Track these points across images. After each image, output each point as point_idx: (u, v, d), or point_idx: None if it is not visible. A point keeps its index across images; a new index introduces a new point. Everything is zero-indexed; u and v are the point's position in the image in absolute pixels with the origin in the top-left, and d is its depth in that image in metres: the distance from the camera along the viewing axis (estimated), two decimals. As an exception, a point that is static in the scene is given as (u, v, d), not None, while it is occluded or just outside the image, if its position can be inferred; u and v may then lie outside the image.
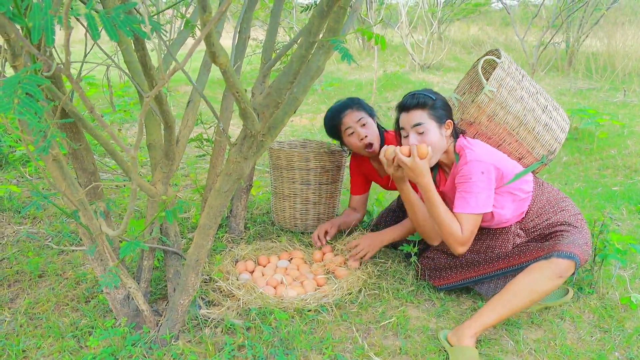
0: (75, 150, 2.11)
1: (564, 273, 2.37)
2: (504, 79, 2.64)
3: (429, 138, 2.52)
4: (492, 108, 2.64)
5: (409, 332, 2.45)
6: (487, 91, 2.59)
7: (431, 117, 2.54)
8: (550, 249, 2.45)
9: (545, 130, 2.73)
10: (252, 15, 2.39)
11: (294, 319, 2.49)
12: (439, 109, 2.56)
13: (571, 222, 2.61)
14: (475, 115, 2.63)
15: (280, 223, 3.52)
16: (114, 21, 1.22)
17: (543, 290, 2.36)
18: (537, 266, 2.40)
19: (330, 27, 1.63)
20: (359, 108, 3.05)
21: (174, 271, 2.41)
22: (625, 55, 9.45)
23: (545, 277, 2.36)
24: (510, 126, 2.67)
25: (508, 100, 2.65)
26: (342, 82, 9.69)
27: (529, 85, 2.75)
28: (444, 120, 2.56)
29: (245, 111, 1.68)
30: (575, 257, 2.38)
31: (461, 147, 2.57)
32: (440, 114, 2.56)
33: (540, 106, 2.74)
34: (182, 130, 2.35)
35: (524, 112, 2.67)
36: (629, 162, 5.14)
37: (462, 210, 2.47)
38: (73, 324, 2.44)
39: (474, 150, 2.51)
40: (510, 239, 2.65)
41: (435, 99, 2.57)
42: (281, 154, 3.30)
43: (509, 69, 2.69)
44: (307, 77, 1.76)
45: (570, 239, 2.48)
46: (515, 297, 2.35)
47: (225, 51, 1.48)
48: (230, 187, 1.95)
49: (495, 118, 2.65)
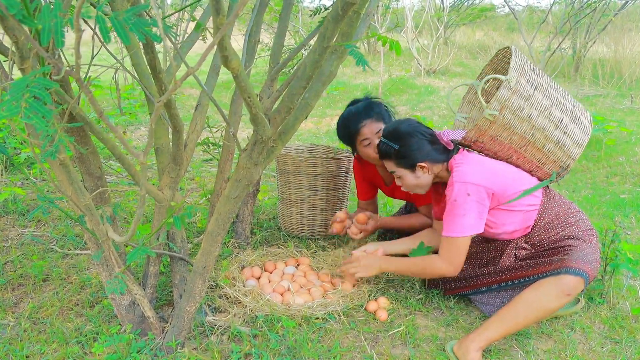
0: (82, 154, 2.08)
1: (573, 291, 2.29)
2: (508, 99, 2.42)
3: (405, 182, 2.59)
4: (495, 129, 2.48)
5: (417, 341, 2.41)
6: (488, 115, 2.46)
7: (399, 165, 2.55)
8: (559, 264, 2.36)
9: (557, 147, 2.56)
10: (261, 19, 2.36)
11: (301, 326, 2.45)
12: (406, 156, 2.52)
13: (580, 236, 2.50)
14: (477, 137, 2.53)
15: (287, 229, 3.49)
16: (126, 24, 1.19)
17: (549, 308, 2.30)
18: (545, 282, 2.33)
19: (343, 32, 1.60)
20: (378, 118, 2.91)
21: (180, 277, 2.38)
22: (633, 61, 9.42)
23: (552, 294, 2.29)
24: (517, 145, 2.53)
25: (513, 121, 2.46)
26: (348, 86, 9.67)
27: (542, 100, 2.51)
28: (414, 165, 2.52)
29: (257, 116, 1.65)
30: (584, 274, 2.30)
31: (452, 165, 2.50)
32: (408, 161, 2.52)
33: (554, 122, 2.53)
34: (190, 134, 2.32)
35: (532, 132, 2.50)
36: (637, 170, 5.10)
37: (448, 233, 2.42)
38: (77, 329, 2.41)
39: (461, 170, 2.42)
40: (513, 252, 2.58)
41: (398, 147, 2.51)
42: (288, 159, 3.27)
43: (517, 86, 2.44)
44: (319, 83, 1.73)
45: (579, 255, 2.38)
46: (521, 314, 2.30)
47: (237, 55, 1.45)
48: (239, 194, 1.92)
49: (500, 138, 2.50)
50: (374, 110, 2.93)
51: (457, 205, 2.38)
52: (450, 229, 2.41)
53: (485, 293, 2.66)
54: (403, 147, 2.51)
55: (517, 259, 2.55)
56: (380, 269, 2.68)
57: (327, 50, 1.57)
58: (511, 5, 9.68)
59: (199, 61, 1.15)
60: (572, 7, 8.45)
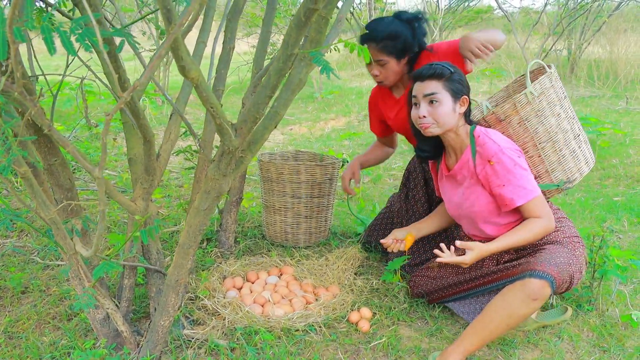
0: (51, 165, 2.03)
1: (538, 295, 2.18)
2: (547, 89, 2.50)
3: (440, 109, 2.40)
4: (527, 112, 2.49)
5: (400, 352, 2.36)
6: (528, 92, 2.45)
7: (446, 89, 2.40)
8: (524, 267, 2.28)
9: (572, 156, 2.58)
10: (236, 25, 2.31)
11: (280, 339, 2.39)
12: (457, 82, 2.42)
13: (563, 242, 2.43)
14: (508, 113, 2.48)
15: (271, 237, 3.43)
16: (72, 34, 1.14)
17: (518, 315, 2.21)
18: (511, 288, 2.24)
19: (312, 38, 1.55)
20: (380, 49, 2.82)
21: (156, 289, 2.33)
22: (628, 62, 9.37)
23: (518, 300, 2.20)
24: (538, 138, 2.52)
25: (545, 110, 2.51)
26: (343, 89, 9.62)
27: (568, 109, 2.62)
28: (460, 95, 2.43)
29: (221, 127, 1.60)
30: (549, 277, 2.19)
31: (480, 132, 2.43)
32: (457, 88, 2.41)
33: (574, 132, 2.60)
34: (164, 144, 2.26)
35: (556, 130, 2.53)
36: (631, 172, 5.05)
37: (526, 199, 2.33)
38: (53, 344, 2.36)
39: (495, 137, 2.39)
40: (496, 256, 2.52)
41: (453, 71, 2.43)
42: (271, 167, 3.22)
43: (556, 83, 2.56)
44: (288, 91, 1.68)
45: (547, 257, 2.28)
46: (493, 322, 2.23)
47: (196, 64, 1.40)
48: (209, 205, 1.87)
49: (527, 123, 2.50)
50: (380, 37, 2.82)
51: (518, 166, 2.34)
52: (524, 194, 2.33)
53: (466, 299, 2.60)
54: (457, 74, 2.44)
55: (499, 262, 2.50)
56: (483, 255, 2.41)
57: (292, 58, 1.52)
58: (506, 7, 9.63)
59: (144, 73, 1.11)
60: (566, 8, 8.40)
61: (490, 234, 2.51)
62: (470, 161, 2.44)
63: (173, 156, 4.89)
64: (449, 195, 2.62)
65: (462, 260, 2.27)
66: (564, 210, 4.09)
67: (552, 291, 2.21)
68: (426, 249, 3.01)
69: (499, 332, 2.23)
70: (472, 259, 2.28)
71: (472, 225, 2.56)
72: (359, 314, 2.57)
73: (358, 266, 3.09)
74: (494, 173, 2.35)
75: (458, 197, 2.55)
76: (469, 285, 2.55)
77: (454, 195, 2.58)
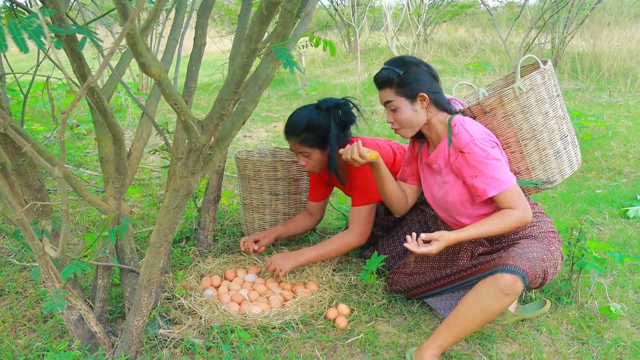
0: (19, 165, 2.00)
1: (510, 290, 2.15)
2: (538, 86, 2.47)
3: (400, 115, 2.43)
4: (513, 107, 2.47)
5: (377, 349, 2.35)
6: (516, 87, 2.43)
7: (399, 94, 2.41)
8: (496, 262, 2.25)
9: (555, 157, 2.55)
10: (206, 22, 2.29)
11: (257, 337, 2.38)
12: (410, 82, 2.40)
13: (538, 237, 2.41)
14: (494, 106, 2.47)
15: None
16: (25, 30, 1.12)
17: (491, 310, 2.18)
18: (484, 283, 2.21)
19: (278, 33, 1.53)
20: (301, 142, 2.81)
21: (130, 289, 2.31)
22: (611, 55, 9.39)
23: (490, 296, 2.17)
24: (522, 135, 2.50)
25: (532, 107, 2.48)
26: (327, 85, 9.59)
27: (559, 108, 2.58)
28: (416, 94, 2.40)
29: (187, 124, 1.58)
30: (520, 271, 2.16)
31: (457, 121, 2.40)
32: (411, 88, 2.40)
33: (561, 132, 2.57)
34: (136, 142, 2.24)
35: (542, 128, 2.50)
36: (613, 164, 5.06)
37: (499, 190, 2.29)
38: (27, 346, 2.34)
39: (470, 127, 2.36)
40: (470, 248, 2.51)
41: (402, 72, 2.40)
42: (248, 164, 3.19)
43: (549, 81, 2.53)
44: (256, 87, 1.67)
45: (520, 252, 2.25)
46: (466, 318, 2.20)
47: (157, 61, 1.38)
48: (179, 204, 1.85)
49: (512, 118, 2.48)
50: (299, 130, 2.80)
51: (491, 158, 2.30)
52: (497, 185, 2.30)
53: (442, 294, 2.60)
54: (407, 74, 2.41)
55: (474, 256, 2.48)
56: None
57: (256, 52, 1.51)
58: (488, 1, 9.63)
59: (98, 70, 1.08)
60: (547, 0, 8.40)
61: (467, 224, 2.49)
62: (446, 150, 2.43)
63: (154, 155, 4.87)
64: (426, 183, 2.61)
65: (429, 250, 2.23)
66: (545, 204, 4.12)
67: (524, 286, 2.17)
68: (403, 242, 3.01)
69: (473, 327, 2.21)
70: (438, 249, 2.24)
71: (449, 216, 2.55)
72: (336, 310, 2.56)
73: (337, 262, 3.07)
74: (466, 163, 2.34)
75: (434, 186, 2.54)
76: (446, 280, 2.53)
77: (431, 183, 2.57)
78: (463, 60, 10.96)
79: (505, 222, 2.29)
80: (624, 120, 6.47)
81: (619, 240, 3.46)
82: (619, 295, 2.80)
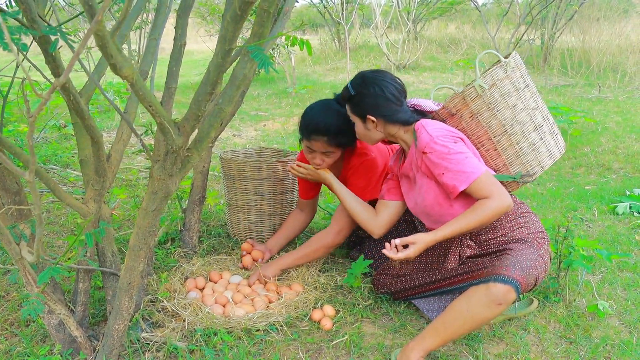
0: (-4, 169, 1.97)
1: (502, 300, 2.12)
2: (501, 80, 2.44)
3: (356, 129, 2.58)
4: (478, 105, 2.44)
5: (362, 350, 2.32)
6: (477, 85, 2.41)
7: (352, 112, 2.54)
8: (490, 271, 2.21)
9: (531, 149, 2.50)
10: (186, 22, 2.25)
11: (241, 339, 2.35)
12: (359, 104, 2.49)
13: (528, 240, 2.37)
14: (459, 107, 2.45)
15: (236, 235, 3.38)
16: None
17: (481, 318, 2.15)
18: (476, 291, 2.18)
19: (255, 32, 1.50)
20: (331, 142, 2.74)
21: (112, 292, 2.27)
22: (600, 51, 9.40)
23: (482, 304, 2.14)
24: (493, 132, 2.47)
25: (498, 103, 2.44)
26: (317, 84, 9.57)
27: (529, 99, 2.52)
28: (365, 116, 2.48)
29: (162, 125, 1.55)
30: (514, 282, 2.13)
31: (419, 125, 2.40)
32: (361, 109, 2.49)
33: (534, 123, 2.52)
34: (116, 144, 2.21)
35: (512, 123, 2.47)
36: (602, 160, 5.06)
37: (468, 182, 2.26)
38: (8, 351, 2.30)
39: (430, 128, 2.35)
40: (458, 250, 2.48)
41: (355, 94, 2.48)
42: (232, 164, 3.16)
43: (512, 73, 2.47)
44: (233, 87, 1.64)
45: (513, 260, 2.21)
46: (455, 323, 2.17)
47: (129, 62, 1.35)
48: (157, 206, 1.82)
49: (479, 117, 2.45)
50: (332, 131, 2.71)
51: (453, 153, 2.28)
52: (464, 177, 2.26)
53: (429, 297, 2.57)
54: (359, 96, 2.46)
55: (462, 259, 2.45)
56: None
57: (231, 53, 1.48)
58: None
59: (64, 73, 1.05)
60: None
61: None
62: (415, 156, 2.42)
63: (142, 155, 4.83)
64: (406, 192, 2.60)
65: (407, 255, 2.23)
66: (534, 201, 4.11)
67: (517, 296, 2.14)
68: None
69: (461, 332, 2.18)
70: (415, 252, 2.24)
71: (433, 222, 2.52)
72: (321, 311, 2.53)
73: (323, 263, 3.04)
74: (432, 163, 2.33)
75: (414, 194, 2.52)
76: (434, 286, 2.51)
77: (410, 192, 2.56)
78: (453, 57, 10.98)
79: (481, 214, 2.25)
80: (613, 116, 6.48)
81: (608, 237, 3.45)
82: (607, 292, 2.79)
